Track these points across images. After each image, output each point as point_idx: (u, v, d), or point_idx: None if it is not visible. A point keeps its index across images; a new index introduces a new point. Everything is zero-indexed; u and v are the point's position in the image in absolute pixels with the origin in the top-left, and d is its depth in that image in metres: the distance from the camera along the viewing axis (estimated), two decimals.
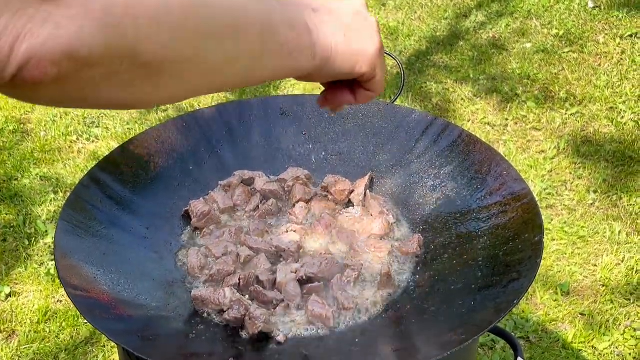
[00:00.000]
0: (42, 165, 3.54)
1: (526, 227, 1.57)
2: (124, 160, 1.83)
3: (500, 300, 1.42)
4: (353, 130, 2.01)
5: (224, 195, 1.86)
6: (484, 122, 3.78)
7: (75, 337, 2.71)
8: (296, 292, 1.57)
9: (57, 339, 2.70)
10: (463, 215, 1.73)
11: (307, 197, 1.86)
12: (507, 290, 1.44)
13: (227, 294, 1.54)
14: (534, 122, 3.75)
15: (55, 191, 3.37)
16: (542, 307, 2.75)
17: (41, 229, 3.16)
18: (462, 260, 1.62)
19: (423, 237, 1.74)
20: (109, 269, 1.55)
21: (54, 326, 2.74)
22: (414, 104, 3.90)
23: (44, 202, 3.30)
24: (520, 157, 3.51)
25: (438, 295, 1.56)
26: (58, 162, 3.56)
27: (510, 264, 1.51)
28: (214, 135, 1.97)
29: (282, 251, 1.68)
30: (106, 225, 1.67)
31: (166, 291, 1.59)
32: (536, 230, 1.54)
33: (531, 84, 4.01)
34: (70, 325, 2.74)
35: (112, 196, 1.73)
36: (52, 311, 2.80)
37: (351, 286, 1.60)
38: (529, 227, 1.56)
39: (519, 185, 1.68)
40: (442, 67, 4.22)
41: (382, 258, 1.70)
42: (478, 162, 1.79)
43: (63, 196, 3.33)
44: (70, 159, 3.59)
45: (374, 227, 1.76)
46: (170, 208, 1.83)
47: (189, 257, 1.68)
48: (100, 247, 1.60)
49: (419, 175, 1.88)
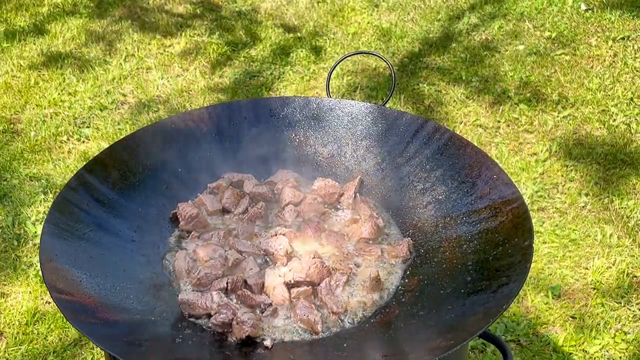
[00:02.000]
0: (32, 166, 3.52)
1: (516, 231, 1.57)
2: (112, 162, 1.81)
3: (490, 305, 1.42)
4: (343, 133, 2.00)
5: (213, 198, 1.85)
6: (476, 124, 3.77)
7: (63, 339, 2.69)
8: (284, 296, 1.57)
9: (45, 340, 2.68)
10: (453, 219, 1.72)
11: (296, 200, 1.85)
12: (497, 295, 1.44)
13: (215, 298, 1.53)
14: (526, 124, 3.75)
15: (45, 192, 3.34)
16: (533, 310, 2.74)
17: (30, 230, 3.13)
18: (452, 264, 1.61)
19: (413, 241, 1.73)
20: (95, 273, 1.54)
21: (43, 328, 2.72)
22: (406, 106, 3.90)
23: (34, 203, 3.27)
24: (512, 159, 3.50)
25: (427, 300, 1.55)
26: (48, 162, 3.54)
27: (500, 269, 1.51)
28: (203, 137, 1.96)
29: (270, 255, 1.67)
30: (93, 228, 1.65)
31: (153, 295, 1.58)
32: (526, 234, 1.54)
33: (523, 86, 4.01)
34: (59, 327, 2.72)
35: (99, 199, 1.72)
36: (41, 312, 2.78)
37: (340, 290, 1.59)
38: (519, 232, 1.56)
39: (509, 189, 1.67)
40: (435, 68, 4.22)
41: (372, 262, 1.69)
42: (468, 166, 1.78)
43: (53, 197, 3.31)
44: (60, 159, 3.56)
45: (363, 231, 1.75)
46: (158, 211, 1.81)
47: (176, 261, 1.67)
48: (86, 250, 1.59)
49: (409, 178, 1.87)
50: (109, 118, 3.86)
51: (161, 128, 1.94)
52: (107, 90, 4.08)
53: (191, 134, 1.95)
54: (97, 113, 3.90)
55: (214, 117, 2.00)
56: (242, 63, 4.33)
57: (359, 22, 4.67)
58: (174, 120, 1.97)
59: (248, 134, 1.98)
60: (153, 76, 4.20)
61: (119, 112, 3.93)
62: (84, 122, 3.84)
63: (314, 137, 2.01)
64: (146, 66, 4.30)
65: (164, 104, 3.97)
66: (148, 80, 4.17)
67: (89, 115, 3.88)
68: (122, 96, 4.06)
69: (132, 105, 3.99)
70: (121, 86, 4.13)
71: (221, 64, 4.32)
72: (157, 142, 1.90)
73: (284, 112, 2.02)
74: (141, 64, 4.31)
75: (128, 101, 4.03)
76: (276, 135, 2.00)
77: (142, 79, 4.19)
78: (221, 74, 4.23)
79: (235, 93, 4.02)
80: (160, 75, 4.20)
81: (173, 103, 3.97)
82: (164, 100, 4.00)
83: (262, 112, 2.01)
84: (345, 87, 4.07)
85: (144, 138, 1.90)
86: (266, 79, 4.19)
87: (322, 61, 4.31)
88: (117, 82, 4.15)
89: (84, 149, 3.64)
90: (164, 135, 1.92)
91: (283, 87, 4.11)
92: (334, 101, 2.02)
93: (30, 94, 4.06)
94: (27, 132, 3.78)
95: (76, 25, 4.67)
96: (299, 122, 2.01)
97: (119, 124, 3.81)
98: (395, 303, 1.58)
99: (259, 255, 1.68)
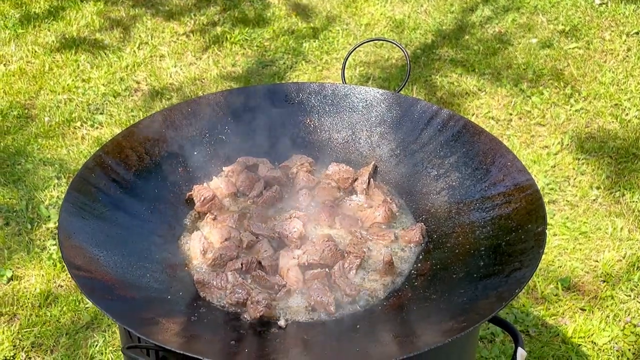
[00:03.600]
0: (46, 151, 3.54)
1: (529, 217, 1.57)
2: (129, 143, 1.83)
3: (502, 289, 1.43)
4: (358, 119, 2.01)
5: (228, 181, 1.86)
6: (488, 116, 3.77)
7: (76, 322, 2.71)
8: (298, 277, 1.58)
9: (58, 322, 2.71)
10: (466, 205, 1.73)
11: (310, 184, 1.87)
12: (509, 279, 1.45)
13: (230, 278, 1.55)
14: (538, 117, 3.74)
15: (59, 176, 3.37)
16: (542, 301, 2.75)
17: (44, 214, 3.16)
18: (465, 249, 1.62)
19: (426, 226, 1.74)
20: (112, 251, 1.56)
21: (55, 310, 2.75)
22: (419, 97, 3.89)
23: (47, 187, 3.30)
24: (523, 152, 3.50)
25: (440, 284, 1.56)
26: (62, 147, 3.56)
27: (513, 254, 1.52)
28: (219, 121, 1.97)
29: (284, 237, 1.69)
30: (110, 208, 1.67)
31: (169, 274, 1.60)
32: (539, 221, 1.54)
33: (536, 79, 4.00)
34: (72, 309, 2.74)
35: (116, 179, 1.74)
36: (54, 295, 2.80)
37: (353, 273, 1.61)
38: (532, 218, 1.57)
39: (523, 176, 1.68)
40: (448, 60, 4.21)
41: (385, 246, 1.70)
42: (482, 153, 1.79)
43: (66, 182, 3.33)
44: (73, 145, 3.59)
45: (377, 216, 1.76)
46: (174, 192, 1.83)
47: (191, 241, 1.69)
48: (104, 229, 1.61)
49: (422, 164, 1.88)
50: (122, 105, 3.88)
51: (178, 112, 1.95)
52: (120, 77, 4.10)
53: (207, 118, 1.96)
54: (110, 100, 3.92)
55: (230, 101, 2.01)
56: (255, 52, 4.35)
57: (372, 13, 4.67)
58: (190, 104, 1.98)
59: (263, 118, 1.99)
60: (166, 64, 4.22)
61: (132, 99, 3.95)
62: (98, 109, 3.86)
63: (328, 123, 2.02)
64: (159, 54, 4.32)
65: (177, 92, 3.98)
66: (161, 68, 4.19)
67: (102, 102, 3.90)
68: (135, 83, 4.08)
69: (145, 92, 4.00)
70: (134, 73, 4.15)
71: (234, 53, 4.33)
72: (173, 126, 1.92)
73: (299, 97, 2.03)
74: (154, 51, 4.33)
75: (141, 88, 4.05)
76: (291, 120, 2.01)
77: (156, 66, 4.20)
78: (234, 63, 4.25)
79: (248, 82, 4.03)
80: (173, 64, 4.22)
81: (186, 91, 3.99)
82: (177, 88, 4.02)
83: (277, 97, 2.02)
84: (357, 78, 4.07)
85: (160, 121, 1.91)
86: (279, 69, 4.19)
87: (334, 51, 4.32)
88: (131, 69, 4.17)
89: (97, 135, 3.66)
90: (180, 118, 1.94)
91: (295, 77, 4.12)
92: (349, 87, 2.03)
93: (45, 79, 4.09)
94: (41, 118, 3.80)
95: (90, 12, 4.69)
96: (314, 107, 2.02)
97: (132, 110, 3.83)
98: (408, 286, 1.59)
99: (274, 237, 1.70)
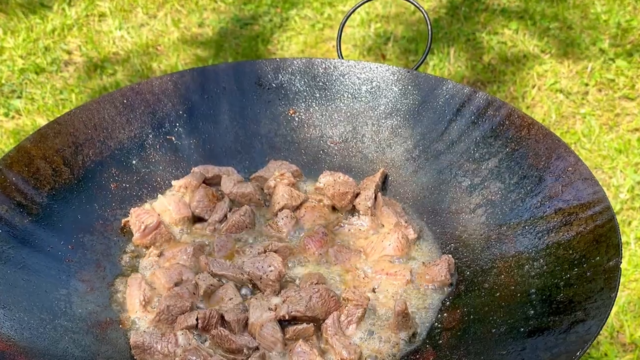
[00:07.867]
0: None
1: (597, 246, 1.56)
2: (41, 151, 1.83)
3: (558, 350, 1.42)
4: (360, 108, 2.00)
5: (179, 201, 1.86)
6: (554, 88, 3.76)
7: None
8: (276, 337, 1.57)
9: None
10: (511, 228, 1.72)
11: (294, 202, 1.86)
12: (569, 336, 1.44)
13: (180, 341, 1.55)
14: (624, 88, 3.74)
15: None
16: (631, 348, 2.74)
17: None
18: (508, 292, 1.61)
19: (455, 259, 1.73)
20: (16, 307, 1.55)
21: None
22: (457, 64, 3.89)
23: None
24: (604, 137, 3.49)
25: (473, 342, 1.55)
26: None
27: (574, 299, 1.50)
28: (167, 116, 1.97)
29: (257, 279, 1.68)
30: (14, 245, 1.67)
31: (96, 336, 1.60)
32: (611, 251, 1.53)
33: (622, 34, 3.99)
34: None
35: (22, 203, 1.73)
36: None
37: (353, 329, 1.60)
38: (602, 248, 1.55)
39: (590, 188, 1.66)
40: (498, 11, 4.21)
41: (398, 289, 1.69)
42: (533, 154, 1.78)
43: None
44: None
45: (386, 246, 1.75)
46: (103, 219, 1.83)
47: (129, 289, 1.69)
48: (5, 275, 1.61)
49: (451, 171, 1.87)
50: (47, 84, 3.90)
51: (110, 104, 1.95)
52: (44, 46, 4.12)
53: (150, 112, 1.96)
54: (31, 77, 3.94)
55: (181, 88, 2.00)
56: (231, 6, 4.35)
57: None
58: (128, 93, 1.98)
59: (228, 111, 1.98)
60: (108, 26, 4.23)
61: (61, 76, 3.97)
62: (14, 91, 3.88)
63: (319, 114, 2.01)
64: (98, 12, 4.33)
65: (123, 65, 3.99)
66: (101, 32, 4.20)
67: (20, 81, 3.92)
68: (65, 54, 4.09)
69: (80, 66, 4.02)
70: (64, 40, 4.16)
71: (201, 8, 4.34)
72: (103, 124, 1.92)
73: (277, 79, 2.02)
74: (92, 8, 4.34)
75: (74, 61, 4.06)
76: (267, 112, 2.00)
77: (93, 30, 4.22)
78: (201, 22, 4.25)
79: (221, 48, 4.04)
80: (117, 25, 4.22)
81: (135, 63, 4.00)
82: (123, 60, 4.03)
83: (247, 80, 2.02)
84: (372, 39, 4.07)
85: (86, 118, 1.91)
86: (264, 28, 4.20)
87: (340, 2, 4.31)
88: (59, 34, 4.19)
89: (13, 127, 3.68)
90: (112, 114, 1.94)
91: (286, 39, 4.12)
92: (347, 63, 2.02)
93: None
94: None
95: None
96: (298, 93, 2.02)
97: (62, 92, 3.85)
98: (430, 347, 1.58)
99: (242, 280, 1.69)
